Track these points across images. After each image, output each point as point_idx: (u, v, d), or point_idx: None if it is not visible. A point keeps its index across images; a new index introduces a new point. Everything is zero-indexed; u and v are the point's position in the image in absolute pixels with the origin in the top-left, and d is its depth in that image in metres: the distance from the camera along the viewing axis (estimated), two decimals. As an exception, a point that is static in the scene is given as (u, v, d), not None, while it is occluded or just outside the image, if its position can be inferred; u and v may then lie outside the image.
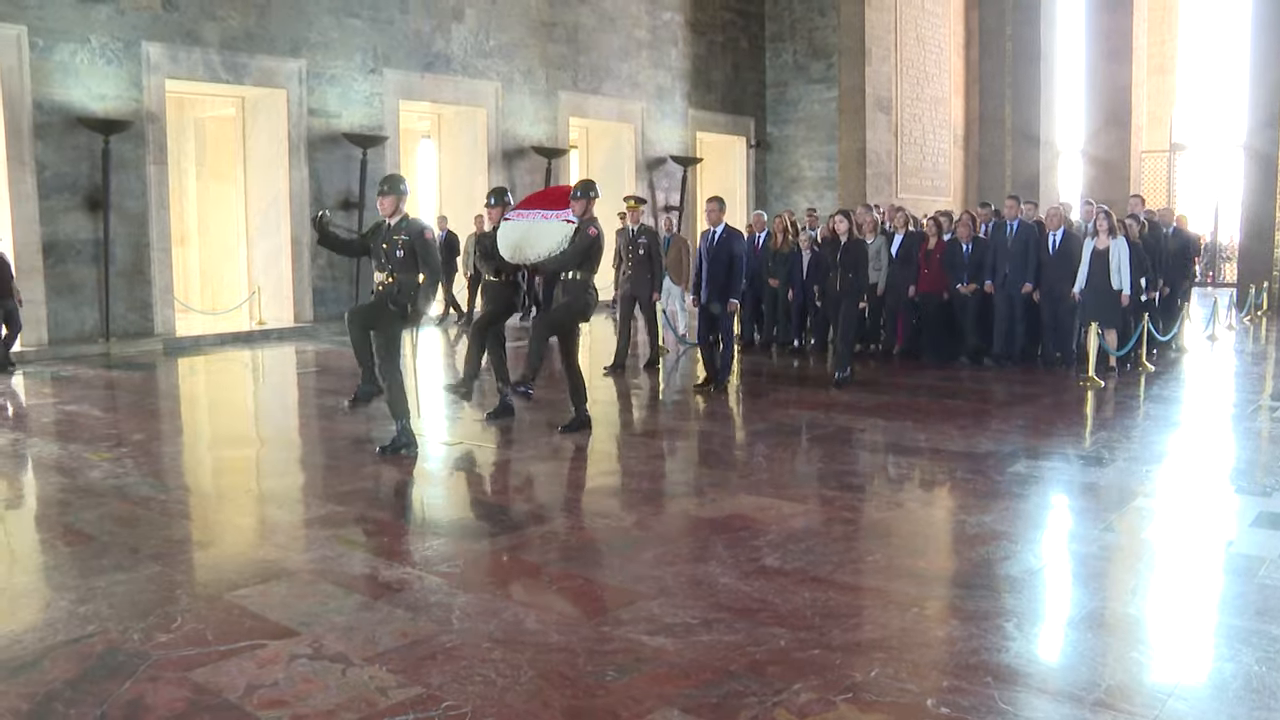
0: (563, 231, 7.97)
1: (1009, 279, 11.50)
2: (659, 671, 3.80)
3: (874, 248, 11.95)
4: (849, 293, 10.23)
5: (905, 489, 6.44)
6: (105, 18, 13.69)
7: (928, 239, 12.25)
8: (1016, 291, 11.47)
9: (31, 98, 13.08)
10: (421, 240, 7.30)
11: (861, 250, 10.32)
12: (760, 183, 23.58)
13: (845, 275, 10.19)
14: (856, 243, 10.33)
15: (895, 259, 12.34)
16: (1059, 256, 11.28)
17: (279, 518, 6.14)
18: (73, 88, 13.47)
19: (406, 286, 7.26)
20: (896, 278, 12.26)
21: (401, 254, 7.28)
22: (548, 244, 7.99)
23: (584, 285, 8.07)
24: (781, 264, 13.31)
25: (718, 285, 9.90)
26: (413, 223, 7.40)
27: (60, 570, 5.14)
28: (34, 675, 3.85)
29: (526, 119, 18.77)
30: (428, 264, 7.30)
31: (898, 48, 23.41)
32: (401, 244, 7.28)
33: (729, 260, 9.87)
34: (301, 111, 15.70)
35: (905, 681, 3.68)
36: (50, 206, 13.33)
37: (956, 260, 11.85)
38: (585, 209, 8.08)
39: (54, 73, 13.31)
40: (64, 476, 6.97)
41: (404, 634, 4.17)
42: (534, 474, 7.25)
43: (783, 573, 4.86)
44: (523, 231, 8.08)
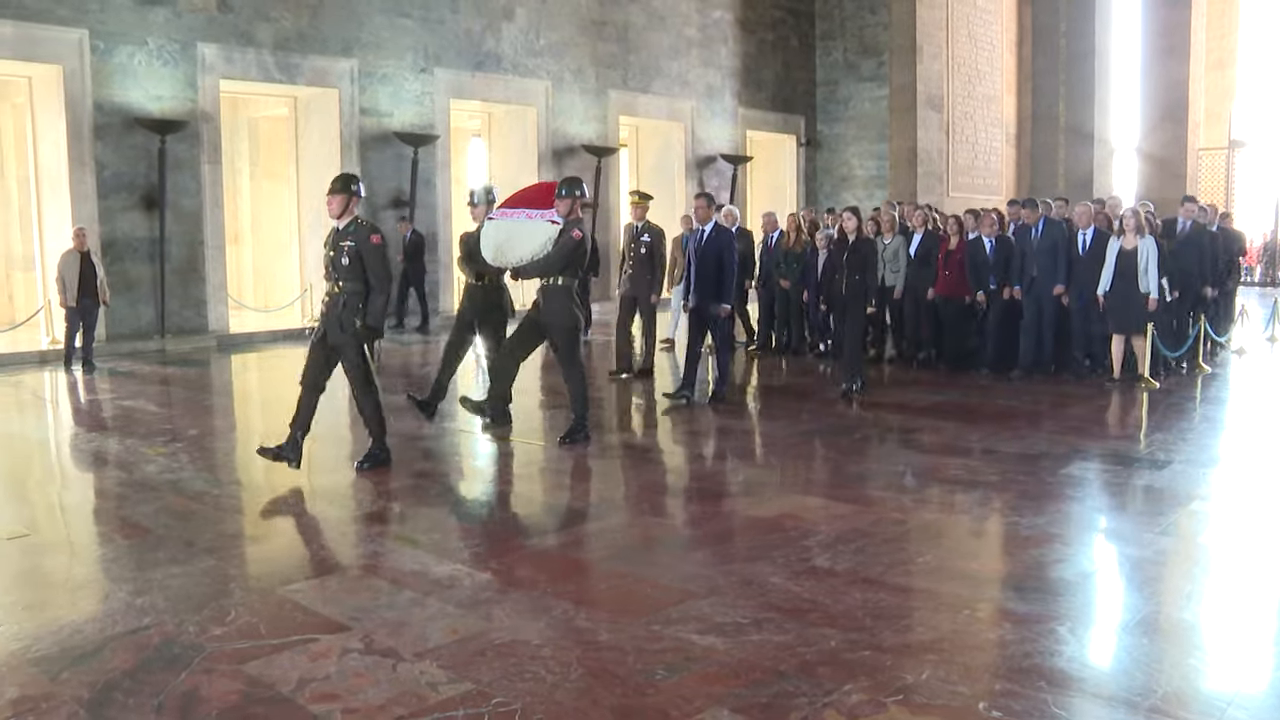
0: (546, 233, 7.45)
1: (1036, 282, 10.61)
2: (709, 671, 3.79)
3: (892, 248, 11.54)
4: (856, 296, 9.53)
5: (956, 490, 6.38)
6: (163, 20, 13.89)
7: (948, 239, 11.44)
8: (1046, 296, 10.58)
9: (92, 99, 13.32)
10: (369, 246, 6.65)
11: (870, 250, 9.70)
12: (810, 181, 23.47)
13: (852, 277, 9.49)
14: (865, 242, 9.70)
15: (913, 259, 11.64)
16: (1090, 257, 10.42)
17: (330, 513, 6.20)
18: (131, 89, 13.68)
19: (353, 299, 6.65)
20: (914, 279, 11.57)
21: (348, 261, 6.64)
22: (530, 246, 7.48)
23: (566, 291, 7.55)
24: (794, 264, 12.56)
25: (707, 287, 9.21)
26: (361, 226, 6.76)
27: (118, 562, 5.23)
28: (94, 664, 3.92)
29: (576, 118, 18.81)
30: (375, 273, 6.65)
31: (949, 45, 23.21)
32: (348, 250, 6.65)
33: (718, 260, 9.19)
34: (353, 111, 15.83)
35: (957, 684, 3.65)
36: (109, 206, 13.55)
37: (979, 259, 10.97)
38: (570, 209, 7.55)
39: (113, 74, 13.52)
40: (121, 470, 7.07)
41: (454, 630, 4.20)
42: (583, 472, 7.25)
43: (833, 573, 4.83)
44: (507, 232, 7.58)
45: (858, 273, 9.44)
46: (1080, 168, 25.20)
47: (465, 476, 7.09)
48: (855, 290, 9.48)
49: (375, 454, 6.96)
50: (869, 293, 9.65)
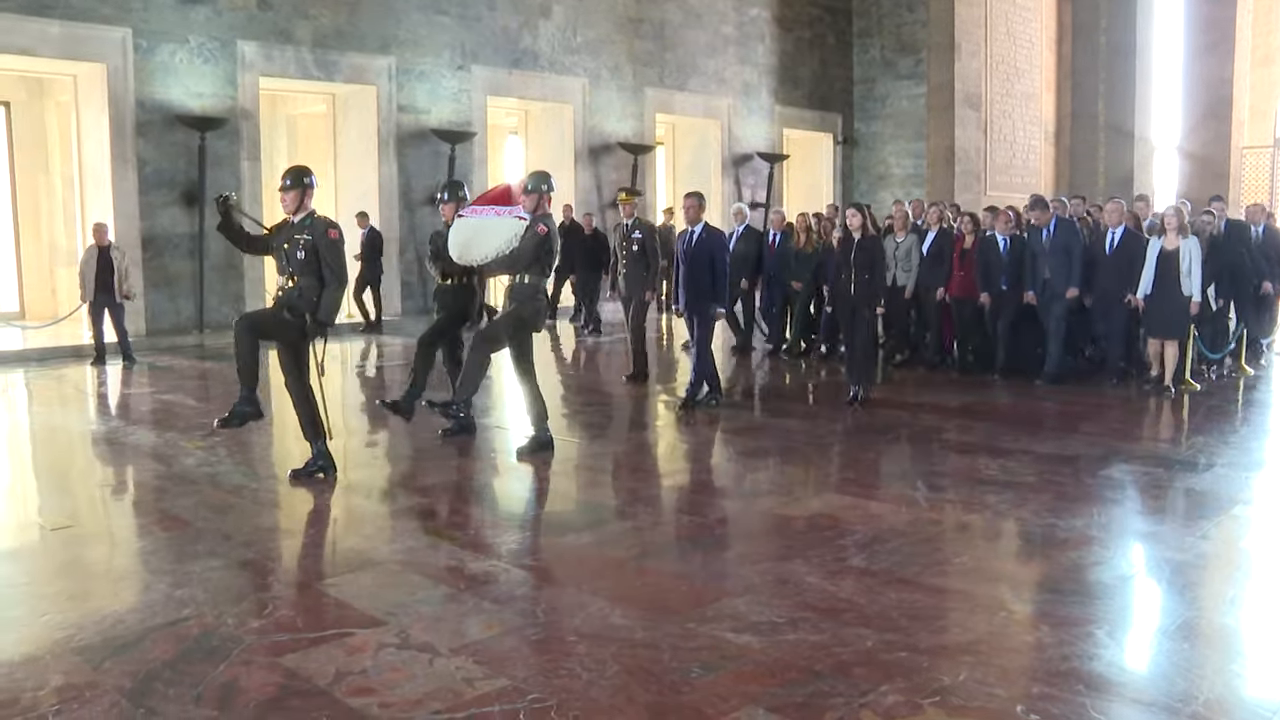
0: (512, 229, 7.12)
1: (1048, 284, 10.13)
2: (744, 670, 3.78)
3: (905, 246, 11.16)
4: (864, 296, 8.98)
5: (992, 491, 6.33)
6: (204, 18, 14.02)
7: (963, 237, 11.02)
8: (1059, 300, 10.11)
9: (134, 97, 13.48)
10: (326, 240, 6.48)
11: (877, 249, 9.15)
12: (847, 180, 23.39)
13: (860, 276, 8.94)
14: (872, 240, 9.13)
15: (925, 258, 11.17)
16: (1117, 257, 9.91)
17: (366, 508, 6.23)
18: (172, 86, 13.82)
19: (307, 292, 6.47)
20: (927, 278, 11.13)
21: (303, 255, 6.46)
22: (495, 242, 7.14)
23: (533, 290, 7.25)
24: (805, 264, 12.08)
25: (698, 291, 8.87)
26: (318, 220, 6.56)
27: (157, 555, 5.28)
28: (135, 654, 3.97)
29: (613, 115, 18.82)
30: (331, 268, 6.48)
31: (988, 43, 23.04)
32: (303, 244, 6.47)
33: (710, 262, 8.82)
34: (391, 108, 15.92)
35: (994, 686, 3.62)
36: (149, 202, 13.70)
37: (991, 258, 10.51)
38: (538, 204, 7.23)
39: (155, 72, 13.67)
40: (160, 464, 7.14)
41: (490, 626, 4.21)
42: (618, 469, 7.26)
43: (869, 573, 4.81)
44: (473, 230, 7.26)
45: (866, 272, 8.94)
46: (1121, 166, 24.94)
47: (500, 473, 7.11)
48: (864, 291, 8.98)
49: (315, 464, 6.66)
50: (877, 293, 9.13)
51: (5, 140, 15.51)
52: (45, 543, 5.61)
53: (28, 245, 15.71)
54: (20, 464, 7.91)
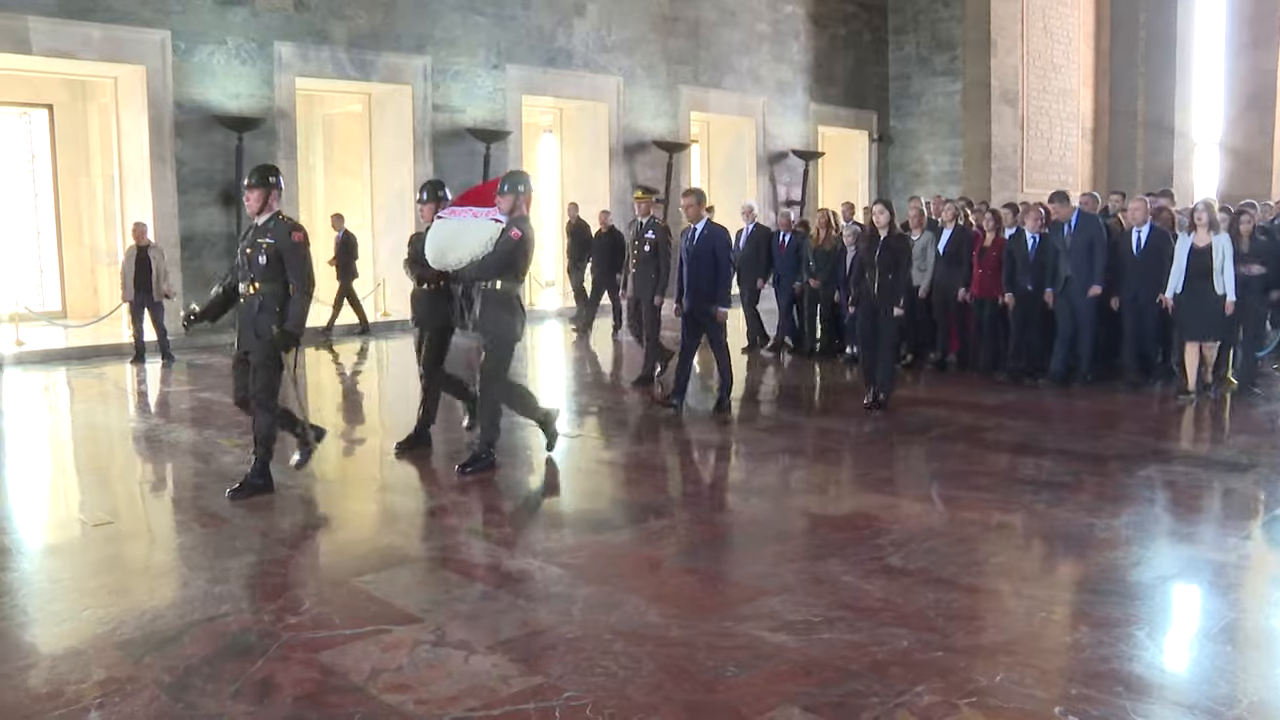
0: (488, 232, 6.73)
1: (1070, 283, 9.75)
2: (780, 669, 3.77)
3: (920, 244, 10.72)
4: (888, 297, 8.62)
5: (1029, 490, 6.28)
6: (241, 20, 14.13)
7: (983, 235, 10.60)
8: (1081, 299, 9.73)
9: (173, 98, 13.60)
10: (289, 244, 6.09)
11: (903, 247, 8.83)
12: (883, 178, 23.28)
13: (884, 276, 8.59)
14: (898, 238, 8.81)
15: (941, 257, 10.78)
16: (1146, 256, 9.45)
17: (402, 505, 6.26)
18: (210, 87, 13.94)
19: (270, 301, 6.14)
20: (943, 278, 10.73)
21: (265, 261, 6.11)
22: (471, 247, 6.74)
23: (506, 298, 6.78)
24: (824, 262, 11.74)
25: (700, 289, 8.57)
26: (281, 223, 6.20)
27: (196, 551, 5.34)
28: (175, 649, 4.01)
29: (648, 113, 18.82)
30: (296, 274, 6.10)
31: (1024, 38, 22.87)
32: (265, 248, 6.11)
33: (712, 261, 8.54)
34: (426, 107, 15.98)
35: (1032, 688, 3.59)
36: (188, 201, 13.83)
37: (1018, 256, 10.03)
38: (514, 205, 6.80)
39: (193, 73, 13.79)
40: (199, 461, 7.21)
41: (525, 624, 4.22)
42: (654, 468, 7.26)
43: (905, 572, 4.79)
44: (451, 232, 6.86)
45: (890, 271, 8.59)
46: (1160, 162, 24.68)
47: (536, 471, 7.12)
48: (887, 291, 8.63)
49: (253, 482, 6.26)
50: (901, 293, 8.74)
51: (49, 142, 15.71)
52: (86, 538, 5.68)
53: (69, 245, 15.91)
54: (62, 461, 8.00)
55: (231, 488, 6.24)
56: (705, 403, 9.02)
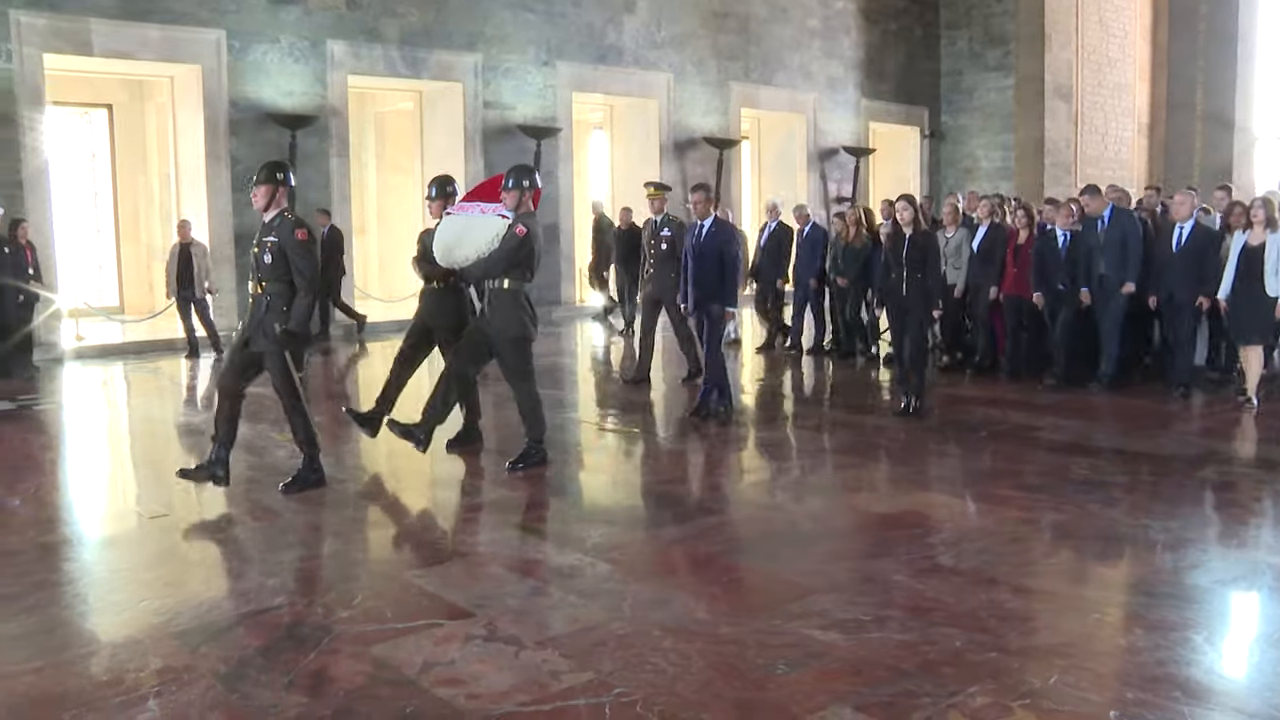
0: (494, 229, 6.56)
1: (1105, 281, 9.37)
2: (830, 667, 3.76)
3: (954, 242, 10.42)
4: (917, 297, 8.26)
5: (1083, 490, 6.20)
6: (294, 19, 14.27)
7: (1017, 232, 10.23)
8: (1116, 296, 9.34)
9: (228, 96, 13.78)
10: (293, 242, 5.98)
11: (931, 246, 8.39)
12: (934, 174, 23.07)
13: (913, 275, 8.21)
14: (925, 235, 8.39)
15: (976, 255, 10.40)
16: (1186, 255, 9.00)
17: (453, 501, 6.30)
18: (263, 85, 14.09)
19: (276, 301, 6.02)
20: (978, 277, 10.35)
21: (270, 260, 6.00)
22: (476, 244, 6.59)
23: (513, 296, 6.62)
24: (853, 260, 11.45)
25: (706, 288, 8.32)
26: (286, 220, 6.06)
27: (249, 544, 5.41)
28: (229, 640, 4.07)
29: (698, 110, 18.78)
30: (300, 271, 5.99)
31: (1079, 33, 22.55)
32: (270, 247, 6.00)
33: (719, 258, 8.30)
34: (477, 104, 16.05)
35: (1086, 691, 3.55)
36: (241, 199, 13.95)
37: (1047, 255, 9.67)
38: (519, 201, 6.64)
39: (247, 72, 13.95)
40: (252, 455, 7.28)
41: (576, 619, 4.23)
42: (705, 464, 7.26)
43: (957, 572, 4.75)
44: (459, 229, 6.70)
45: (919, 271, 8.21)
46: (1219, 157, 24.24)
47: (585, 467, 7.14)
48: (916, 291, 8.25)
49: (305, 476, 6.31)
50: (932, 293, 8.37)
51: (108, 141, 15.96)
52: (143, 530, 5.77)
53: (127, 242, 16.15)
54: (119, 454, 8.14)
55: (284, 482, 6.29)
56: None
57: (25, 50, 12.34)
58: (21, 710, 3.53)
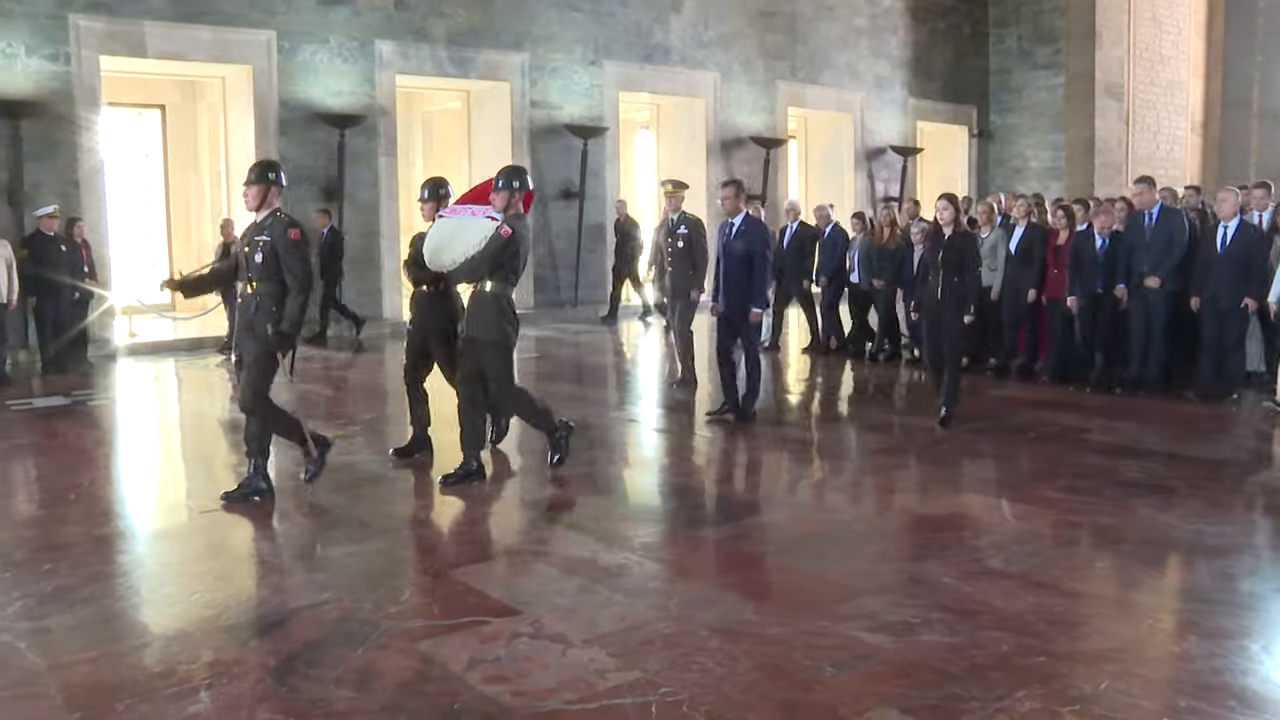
0: (483, 231, 6.35)
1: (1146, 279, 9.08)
2: (877, 670, 3.74)
3: (989, 242, 10.12)
4: (954, 301, 7.94)
5: (1135, 493, 6.12)
6: (343, 19, 14.39)
7: (1056, 233, 9.95)
8: (1157, 297, 9.08)
9: (278, 96, 13.92)
10: (285, 242, 5.89)
11: (970, 247, 8.10)
12: (983, 173, 22.85)
13: (949, 278, 7.88)
14: (963, 237, 8.06)
15: (1013, 256, 10.12)
16: (1231, 255, 8.63)
17: (500, 498, 6.32)
18: (313, 86, 14.22)
19: (267, 301, 5.93)
20: (1015, 278, 10.09)
21: (261, 259, 5.91)
22: (463, 246, 6.37)
23: (495, 300, 6.42)
24: (888, 261, 11.17)
25: (738, 289, 8.08)
26: (278, 219, 6.00)
27: (298, 540, 5.48)
28: (279, 635, 4.12)
29: (745, 109, 18.73)
30: (292, 272, 5.89)
31: (1131, 30, 22.25)
32: (262, 246, 5.92)
33: (748, 257, 8.06)
34: (524, 104, 16.10)
35: (1138, 698, 3.50)
36: (291, 197, 14.01)
37: (1084, 256, 9.33)
38: (508, 202, 6.44)
39: (297, 72, 14.08)
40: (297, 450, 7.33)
41: (622, 618, 4.24)
42: (752, 464, 7.25)
43: (1006, 575, 4.70)
44: (449, 231, 6.52)
45: (955, 273, 7.87)
46: (1275, 155, 23.78)
47: (633, 466, 7.15)
48: (953, 295, 7.93)
49: (251, 482, 6.15)
50: (968, 298, 8.04)
51: (160, 141, 16.18)
52: (193, 524, 5.85)
53: (178, 241, 16.35)
54: (170, 449, 8.24)
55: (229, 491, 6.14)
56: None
57: (83, 53, 12.54)
58: (78, 699, 3.59)
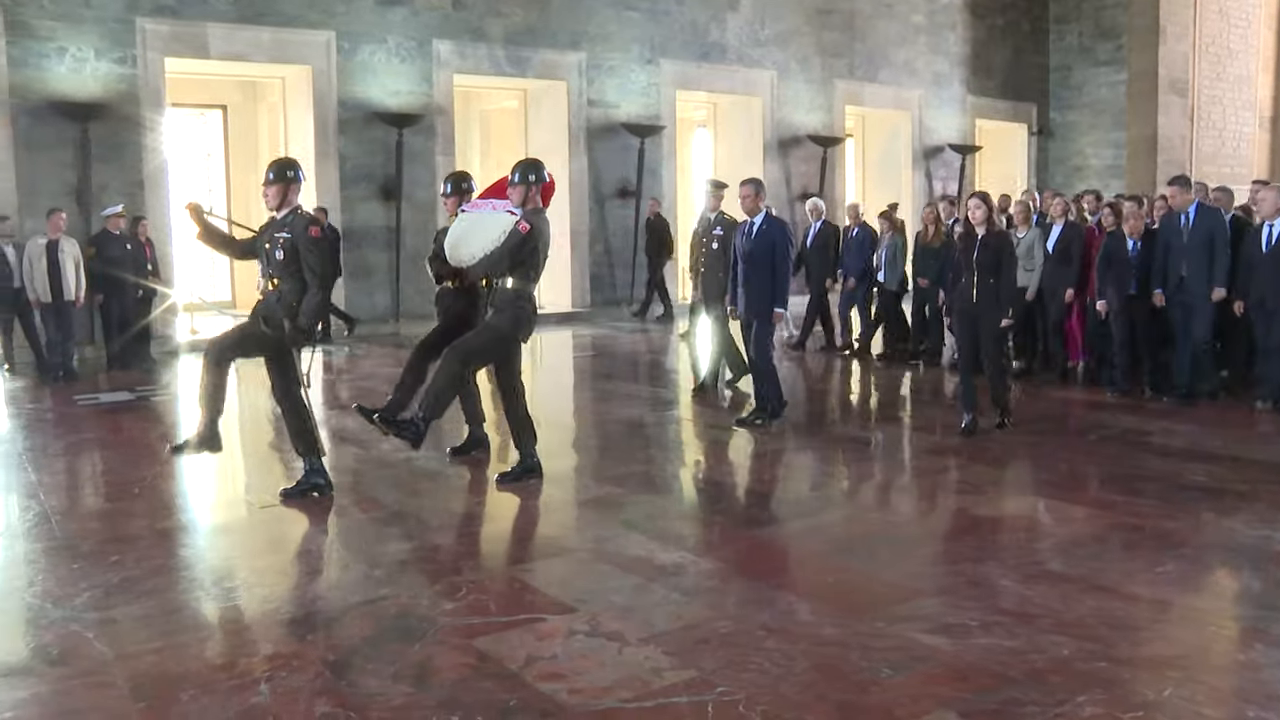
0: (501, 226, 6.24)
1: (1185, 283, 8.69)
2: (934, 672, 3.70)
3: (1026, 242, 9.73)
4: (989, 305, 7.63)
5: (1199, 497, 6.01)
6: (401, 19, 14.52)
7: (1094, 232, 9.66)
8: (1199, 301, 8.66)
9: (337, 96, 14.09)
10: (306, 239, 5.91)
11: (1005, 247, 7.72)
12: (1042, 172, 22.57)
13: (984, 280, 7.59)
14: (998, 236, 7.73)
15: (1051, 256, 9.80)
16: (1276, 256, 8.37)
17: (556, 497, 6.34)
18: (371, 85, 14.37)
19: (286, 297, 5.94)
20: (1053, 279, 9.77)
21: (282, 256, 5.94)
22: (482, 241, 6.26)
23: (516, 296, 6.32)
24: (933, 260, 10.87)
25: (758, 291, 7.83)
26: (299, 217, 6.01)
27: (356, 535, 5.52)
28: (337, 629, 4.16)
29: (802, 107, 18.66)
30: (311, 269, 5.91)
31: (1196, 24, 21.85)
32: (283, 243, 5.94)
33: (770, 258, 7.77)
34: (581, 102, 16.16)
35: (1203, 706, 3.44)
36: (349, 196, 14.29)
37: (1117, 257, 8.99)
38: (525, 197, 6.35)
39: (356, 72, 14.24)
40: (358, 448, 7.43)
41: (679, 617, 4.24)
42: (806, 464, 7.21)
43: (1066, 578, 4.64)
44: (468, 226, 6.42)
45: (990, 274, 7.57)
46: (1348, 152, 23.30)
47: (688, 465, 7.14)
48: (988, 297, 7.62)
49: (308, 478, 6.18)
50: (1005, 301, 7.69)
51: (222, 140, 16.43)
52: (253, 519, 5.93)
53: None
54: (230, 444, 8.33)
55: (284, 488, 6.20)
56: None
57: (149, 55, 12.79)
58: (144, 689, 3.66)
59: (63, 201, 11.84)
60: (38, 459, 7.31)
